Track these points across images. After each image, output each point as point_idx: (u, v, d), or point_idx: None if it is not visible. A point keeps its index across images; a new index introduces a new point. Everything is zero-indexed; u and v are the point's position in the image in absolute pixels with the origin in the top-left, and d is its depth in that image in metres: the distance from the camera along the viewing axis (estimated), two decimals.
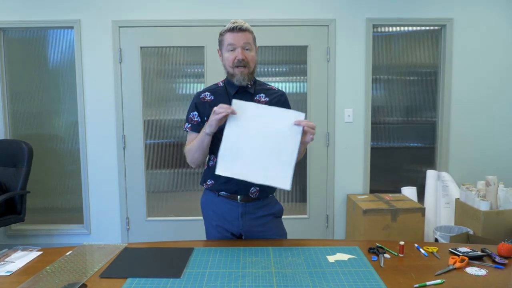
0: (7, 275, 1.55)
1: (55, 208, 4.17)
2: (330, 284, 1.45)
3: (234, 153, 1.72)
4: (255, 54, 1.93)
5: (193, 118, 1.98)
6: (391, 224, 3.54)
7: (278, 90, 2.05)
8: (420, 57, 4.10)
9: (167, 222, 4.09)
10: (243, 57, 1.87)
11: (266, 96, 1.98)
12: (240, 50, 1.87)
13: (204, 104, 1.97)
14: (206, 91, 2.00)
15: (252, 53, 1.91)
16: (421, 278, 1.49)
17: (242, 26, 1.87)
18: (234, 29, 1.86)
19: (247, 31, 1.89)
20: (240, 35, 1.86)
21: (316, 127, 1.78)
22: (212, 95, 1.98)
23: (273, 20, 3.92)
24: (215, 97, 1.97)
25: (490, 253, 1.70)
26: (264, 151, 1.72)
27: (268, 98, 1.98)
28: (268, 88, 2.03)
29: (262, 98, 1.97)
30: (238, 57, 1.86)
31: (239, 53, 1.86)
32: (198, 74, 4.01)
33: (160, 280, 1.49)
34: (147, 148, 4.06)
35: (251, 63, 1.90)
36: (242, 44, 1.87)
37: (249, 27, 1.92)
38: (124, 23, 3.89)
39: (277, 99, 1.99)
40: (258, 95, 1.98)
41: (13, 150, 3.58)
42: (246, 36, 1.88)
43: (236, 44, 1.86)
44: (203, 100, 1.97)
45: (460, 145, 4.12)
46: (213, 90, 2.00)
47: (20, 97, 4.04)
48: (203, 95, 1.99)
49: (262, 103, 1.95)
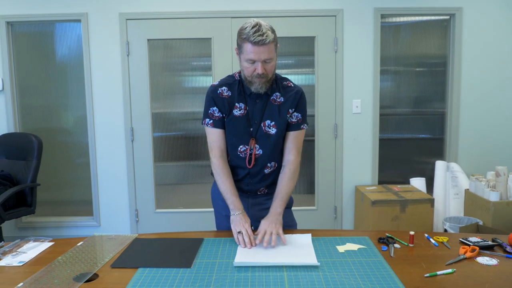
0: (20, 265, 1.56)
1: (65, 200, 4.21)
2: (340, 273, 1.45)
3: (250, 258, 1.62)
4: (275, 61, 1.80)
5: (214, 114, 1.91)
6: (400, 215, 3.53)
7: (294, 87, 1.95)
8: (429, 47, 4.06)
9: (175, 214, 4.11)
10: (263, 72, 1.75)
11: (281, 96, 1.90)
12: (260, 65, 1.73)
13: (222, 100, 1.89)
14: (223, 85, 1.91)
15: (273, 62, 1.78)
16: (431, 268, 1.48)
17: (265, 40, 1.68)
18: (257, 43, 1.68)
19: (271, 43, 1.71)
20: (262, 49, 1.70)
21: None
22: (229, 91, 1.90)
23: (280, 11, 3.89)
24: (232, 93, 1.90)
25: (501, 242, 1.69)
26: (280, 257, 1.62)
27: (283, 99, 1.90)
28: (285, 86, 1.93)
29: (278, 98, 1.90)
30: (258, 71, 1.75)
31: (259, 68, 1.74)
32: (206, 67, 4.00)
33: (171, 270, 1.50)
34: (155, 141, 4.07)
35: (271, 73, 1.80)
36: (263, 59, 1.72)
37: (272, 36, 1.72)
38: (131, 16, 3.89)
39: (292, 98, 1.91)
40: (275, 94, 1.90)
41: (23, 144, 3.60)
42: (269, 49, 1.72)
43: (257, 59, 1.72)
44: (221, 95, 1.90)
45: (469, 135, 4.09)
46: (230, 85, 1.91)
47: (28, 91, 4.06)
48: (221, 90, 1.90)
49: (277, 103, 1.89)
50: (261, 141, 1.90)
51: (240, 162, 1.93)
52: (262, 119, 1.89)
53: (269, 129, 1.89)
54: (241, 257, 1.58)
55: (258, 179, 1.96)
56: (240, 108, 1.89)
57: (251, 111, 1.89)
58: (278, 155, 1.96)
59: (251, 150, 1.90)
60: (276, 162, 1.96)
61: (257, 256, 1.59)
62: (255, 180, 1.96)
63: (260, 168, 1.93)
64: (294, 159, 1.93)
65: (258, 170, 1.94)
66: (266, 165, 1.93)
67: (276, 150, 1.94)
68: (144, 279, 1.42)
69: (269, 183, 1.98)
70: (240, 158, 1.93)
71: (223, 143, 1.94)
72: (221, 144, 1.93)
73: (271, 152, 1.92)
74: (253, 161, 1.91)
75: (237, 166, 1.96)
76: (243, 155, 1.92)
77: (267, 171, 1.95)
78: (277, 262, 1.54)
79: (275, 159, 1.95)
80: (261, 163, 1.93)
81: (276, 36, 1.76)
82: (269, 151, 1.91)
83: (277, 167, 1.96)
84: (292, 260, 1.56)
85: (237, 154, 1.93)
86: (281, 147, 1.96)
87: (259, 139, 1.90)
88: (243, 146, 1.91)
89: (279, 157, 1.96)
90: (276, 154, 1.95)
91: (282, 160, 1.95)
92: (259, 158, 1.92)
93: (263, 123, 1.89)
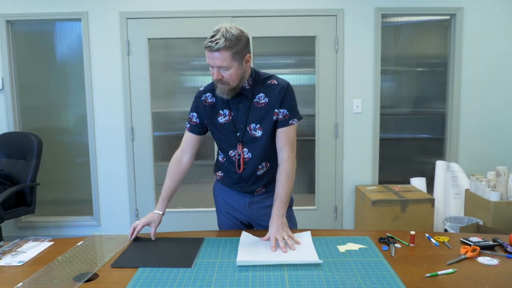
0: (19, 265, 1.56)
1: (64, 200, 4.20)
2: (341, 273, 1.45)
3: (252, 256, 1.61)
4: (235, 70, 1.73)
5: (192, 119, 1.96)
6: (400, 215, 3.53)
7: (279, 84, 1.87)
8: (430, 48, 4.05)
9: (176, 213, 4.10)
10: (219, 77, 1.73)
11: (265, 97, 1.86)
12: (216, 70, 1.73)
13: (205, 107, 1.92)
14: (207, 91, 1.93)
15: (230, 71, 1.72)
16: (432, 268, 1.48)
17: (213, 47, 1.67)
18: (207, 48, 1.69)
19: (221, 49, 1.67)
20: (214, 55, 1.69)
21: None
22: (213, 97, 1.90)
23: (281, 10, 3.89)
24: (216, 100, 1.89)
25: (502, 242, 1.69)
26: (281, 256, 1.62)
27: (267, 99, 1.85)
28: (268, 85, 1.87)
29: (261, 99, 1.86)
30: (213, 77, 1.75)
31: (214, 73, 1.74)
32: (206, 66, 3.97)
33: (171, 269, 1.49)
34: (156, 140, 4.07)
35: (230, 81, 1.75)
36: (216, 65, 1.71)
37: (225, 43, 1.67)
38: (132, 15, 3.88)
39: (276, 97, 1.85)
40: (257, 96, 1.86)
41: (22, 143, 3.60)
42: (221, 56, 1.68)
43: (212, 64, 1.72)
44: (204, 102, 1.91)
45: (469, 135, 4.08)
46: (214, 91, 1.86)
47: (28, 90, 4.05)
48: (204, 96, 1.92)
49: (261, 105, 1.85)
50: (249, 144, 1.88)
51: (233, 166, 1.93)
52: (246, 123, 1.86)
53: (255, 132, 1.86)
54: (243, 256, 1.58)
55: (252, 182, 1.94)
56: (224, 115, 1.88)
57: (235, 117, 1.87)
58: (270, 155, 1.92)
59: (239, 155, 1.89)
60: (268, 162, 1.93)
61: (259, 255, 1.59)
62: (249, 183, 1.94)
63: (252, 172, 1.91)
64: (288, 156, 1.87)
65: (250, 174, 1.91)
66: (257, 167, 1.91)
67: (266, 152, 1.90)
68: (144, 279, 1.42)
69: (265, 182, 1.96)
70: (233, 162, 1.92)
71: (191, 148, 1.99)
72: (188, 148, 1.99)
73: (260, 155, 1.89)
74: (242, 166, 1.89)
75: (230, 170, 1.95)
76: (234, 160, 1.91)
77: (260, 172, 1.92)
78: (279, 260, 1.53)
79: (267, 159, 1.92)
80: (251, 167, 1.90)
81: (237, 46, 1.69)
82: (258, 154, 1.89)
83: (269, 167, 1.93)
84: (294, 258, 1.55)
85: (229, 158, 1.93)
86: (272, 148, 1.91)
87: (247, 143, 1.88)
88: (233, 151, 1.91)
89: (271, 156, 1.92)
90: (267, 155, 1.91)
91: (275, 159, 1.92)
92: (249, 161, 1.90)
93: (248, 127, 1.86)
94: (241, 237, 1.77)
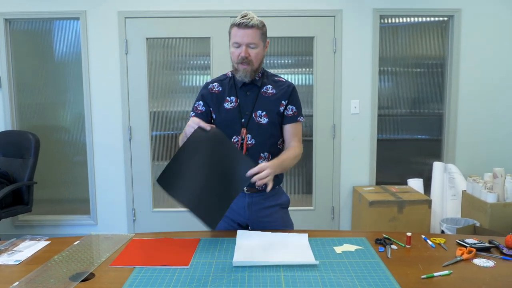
0: (16, 264, 1.56)
1: (61, 198, 4.20)
2: (337, 274, 1.45)
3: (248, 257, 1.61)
4: (261, 50, 1.89)
5: (198, 108, 2.00)
6: (397, 216, 3.53)
7: (286, 81, 2.02)
8: (428, 49, 4.06)
9: (173, 213, 4.10)
10: (246, 55, 1.85)
11: (273, 88, 1.97)
12: (244, 48, 1.84)
13: (211, 95, 1.98)
14: (215, 81, 2.02)
15: (257, 50, 1.87)
16: (428, 269, 1.48)
17: (248, 22, 1.82)
18: (241, 25, 1.82)
19: (254, 27, 1.83)
20: (246, 32, 1.83)
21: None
22: (220, 86, 1.99)
23: (279, 11, 3.89)
24: (223, 88, 1.98)
25: (498, 244, 1.69)
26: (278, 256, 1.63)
27: (275, 90, 1.97)
28: (276, 80, 2.02)
29: (269, 90, 1.97)
30: (241, 54, 1.84)
31: (242, 51, 1.84)
32: (204, 66, 4.00)
33: (167, 269, 1.49)
34: (153, 140, 4.07)
35: (255, 61, 1.88)
36: (246, 41, 1.83)
37: (258, 22, 1.85)
38: (130, 14, 3.88)
39: (284, 91, 1.97)
40: (265, 86, 1.97)
41: (20, 141, 3.59)
42: (253, 33, 1.83)
43: (241, 41, 1.84)
44: (211, 90, 1.99)
45: (467, 137, 4.09)
46: (222, 81, 2.01)
47: (26, 88, 4.04)
48: (212, 85, 2.00)
49: (268, 95, 1.95)
50: (253, 130, 1.92)
51: None
52: (253, 109, 1.93)
53: (261, 119, 1.93)
54: (239, 256, 1.58)
55: None
56: (231, 102, 1.95)
57: (242, 103, 1.94)
58: (273, 146, 1.96)
59: (242, 139, 1.92)
60: (270, 154, 1.96)
61: (256, 256, 1.59)
62: None
63: (254, 159, 1.91)
64: (297, 146, 1.98)
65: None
66: (259, 156, 1.94)
67: (269, 141, 1.95)
68: (141, 279, 1.42)
69: None
70: None
71: None
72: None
73: (264, 142, 1.93)
74: (244, 149, 1.91)
75: None
76: (237, 145, 1.92)
77: (261, 161, 1.93)
78: (275, 261, 1.54)
79: (269, 150, 1.95)
80: (254, 153, 1.92)
81: (264, 28, 1.89)
82: (261, 141, 1.93)
83: (271, 159, 1.94)
84: (290, 259, 1.56)
85: None
86: (275, 140, 1.97)
87: (251, 128, 1.92)
88: (236, 136, 1.93)
89: (274, 148, 1.97)
90: (270, 145, 1.95)
91: (278, 153, 1.94)
92: (252, 148, 1.93)
93: (254, 113, 1.93)
94: (237, 237, 1.77)
